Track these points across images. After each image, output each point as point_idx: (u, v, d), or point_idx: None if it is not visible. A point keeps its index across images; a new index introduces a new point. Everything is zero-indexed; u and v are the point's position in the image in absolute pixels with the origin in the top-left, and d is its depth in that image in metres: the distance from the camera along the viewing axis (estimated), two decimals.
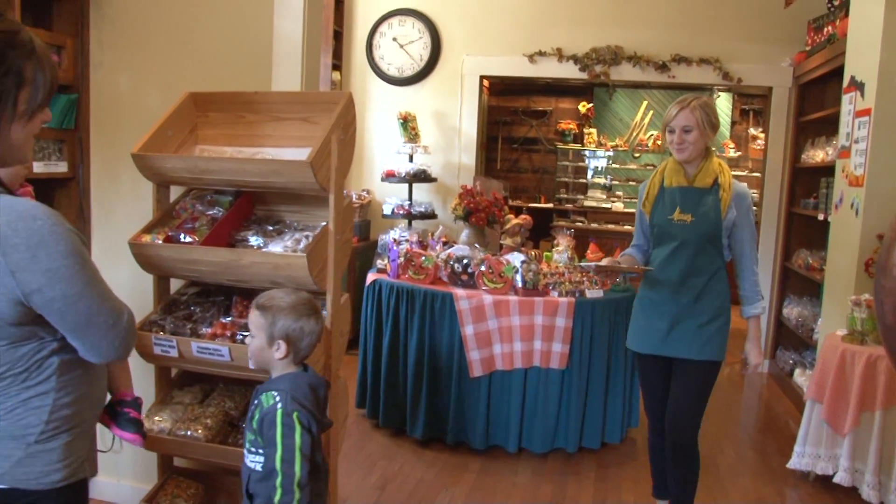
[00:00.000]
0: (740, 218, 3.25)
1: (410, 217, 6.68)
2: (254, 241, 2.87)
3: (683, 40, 6.89)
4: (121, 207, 3.49)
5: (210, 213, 2.99)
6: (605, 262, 3.39)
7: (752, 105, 10.79)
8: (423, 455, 4.56)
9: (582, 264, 4.25)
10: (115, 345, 1.66)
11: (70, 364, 1.65)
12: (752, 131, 10.79)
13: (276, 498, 2.15)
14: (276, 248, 2.78)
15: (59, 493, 1.64)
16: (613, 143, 10.88)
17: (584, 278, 4.67)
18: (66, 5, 3.41)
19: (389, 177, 6.72)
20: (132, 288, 3.26)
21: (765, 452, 4.89)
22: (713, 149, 3.38)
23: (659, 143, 10.61)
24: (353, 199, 6.41)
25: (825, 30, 5.82)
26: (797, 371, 5.86)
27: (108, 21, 3.46)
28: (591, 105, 11.10)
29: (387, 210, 6.76)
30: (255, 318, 2.32)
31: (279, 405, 2.21)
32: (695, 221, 3.23)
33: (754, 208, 3.78)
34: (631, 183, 10.99)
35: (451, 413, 4.54)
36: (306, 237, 2.80)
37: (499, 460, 4.51)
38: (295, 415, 2.20)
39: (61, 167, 3.39)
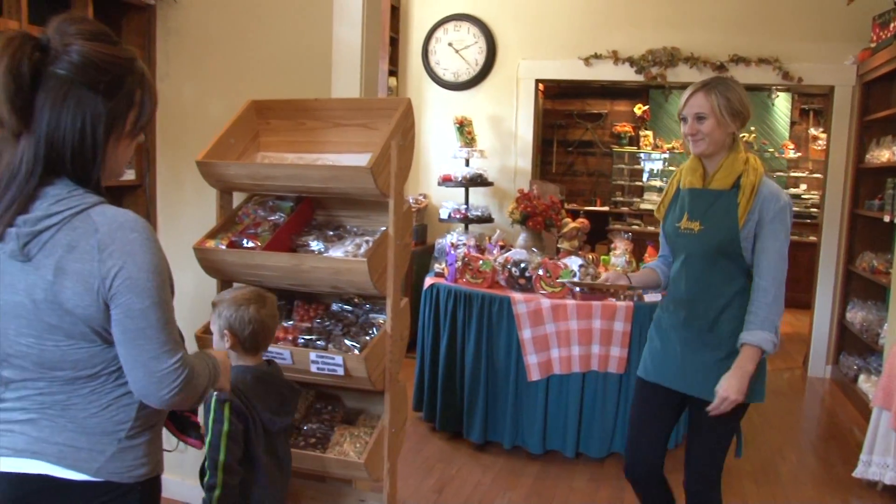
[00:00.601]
0: (764, 226, 2.60)
1: (467, 221, 6.70)
2: (315, 245, 2.91)
3: (741, 40, 6.79)
4: (185, 213, 3.58)
5: (272, 218, 3.04)
6: (602, 278, 3.03)
7: (812, 105, 10.59)
8: (479, 459, 4.57)
9: (565, 280, 4.09)
10: (159, 382, 1.60)
11: None
12: (812, 131, 10.58)
13: (205, 479, 2.36)
14: (336, 252, 2.81)
15: (142, 487, 1.71)
16: (670, 146, 10.76)
17: None
18: (135, 19, 3.52)
19: (446, 181, 6.75)
20: (196, 292, 3.33)
21: (828, 461, 4.79)
22: (744, 141, 2.83)
23: None
24: (411, 204, 6.45)
25: (891, 26, 5.68)
26: (862, 377, 5.73)
27: (173, 33, 3.55)
28: (646, 107, 11.00)
29: (443, 214, 6.79)
30: (211, 316, 2.52)
31: (214, 393, 2.32)
32: (703, 231, 2.67)
33: (813, 210, 3.56)
34: None
35: (508, 417, 4.55)
36: (366, 242, 2.83)
37: (556, 465, 4.49)
38: (227, 404, 2.35)
39: (129, 175, 3.49)
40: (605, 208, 11.04)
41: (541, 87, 7.80)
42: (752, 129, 10.46)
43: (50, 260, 1.54)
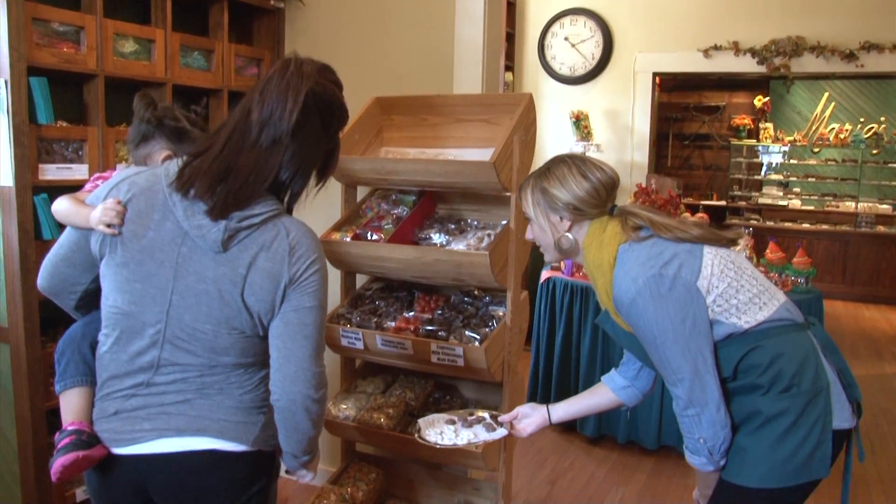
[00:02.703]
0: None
1: None
2: (437, 239, 2.97)
3: (874, 25, 6.49)
4: (311, 207, 3.70)
5: (395, 211, 3.12)
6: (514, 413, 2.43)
7: None
8: (593, 452, 4.57)
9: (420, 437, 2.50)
10: (308, 381, 1.75)
11: None
12: None
13: None
14: (459, 245, 2.87)
15: (273, 457, 1.89)
16: (791, 138, 10.39)
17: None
18: (265, 22, 3.69)
19: None
20: None
21: None
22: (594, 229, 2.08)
23: (842, 136, 10.03)
24: None
25: None
26: None
27: (301, 34, 3.69)
28: (767, 99, 10.65)
29: None
30: None
31: None
32: None
33: None
34: (810, 179, 10.49)
35: (622, 412, 4.52)
36: (488, 235, 2.87)
37: (671, 462, 4.44)
38: None
39: None
40: (722, 203, 10.76)
41: (657, 79, 7.68)
42: (883, 119, 10.00)
43: (246, 255, 1.70)
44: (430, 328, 2.92)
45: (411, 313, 3.07)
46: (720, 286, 1.93)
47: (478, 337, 2.82)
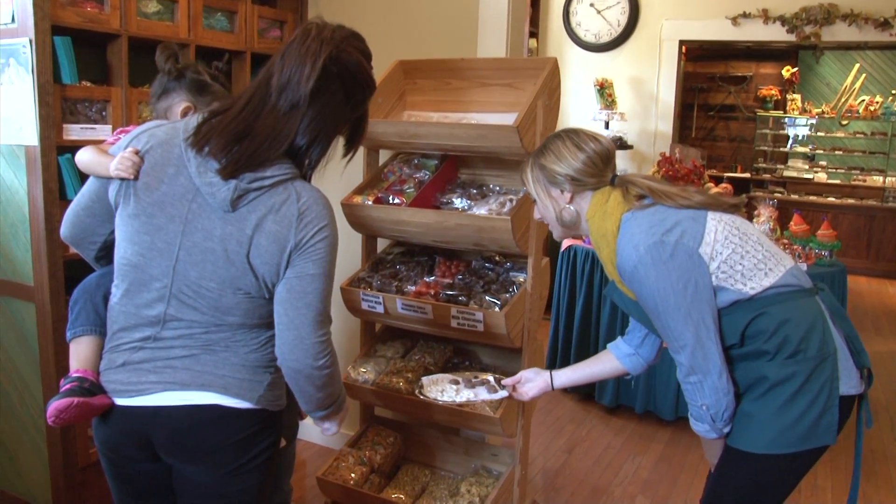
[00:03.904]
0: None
1: None
2: (458, 203, 2.96)
3: None
4: (333, 170, 3.68)
5: (417, 175, 3.11)
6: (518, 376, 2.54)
7: None
8: (610, 422, 4.57)
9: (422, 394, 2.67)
10: (307, 349, 1.74)
11: None
12: None
13: None
14: (480, 210, 2.85)
15: (279, 417, 1.90)
16: (819, 110, 10.23)
17: (787, 251, 4.48)
18: None
19: None
20: (343, 247, 3.42)
21: None
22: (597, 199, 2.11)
23: (871, 108, 9.85)
24: None
25: None
26: None
27: None
28: (795, 69, 10.48)
29: None
30: None
31: None
32: None
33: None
34: (837, 152, 10.33)
35: (640, 382, 4.51)
36: (510, 201, 2.85)
37: (688, 432, 4.37)
38: None
39: None
40: (746, 175, 10.66)
41: (684, 48, 7.58)
42: None
43: (253, 216, 1.69)
44: (451, 293, 2.91)
45: (432, 278, 3.07)
46: (724, 252, 1.91)
47: (498, 302, 2.81)
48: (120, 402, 1.78)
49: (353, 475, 3.08)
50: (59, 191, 2.77)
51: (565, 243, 4.94)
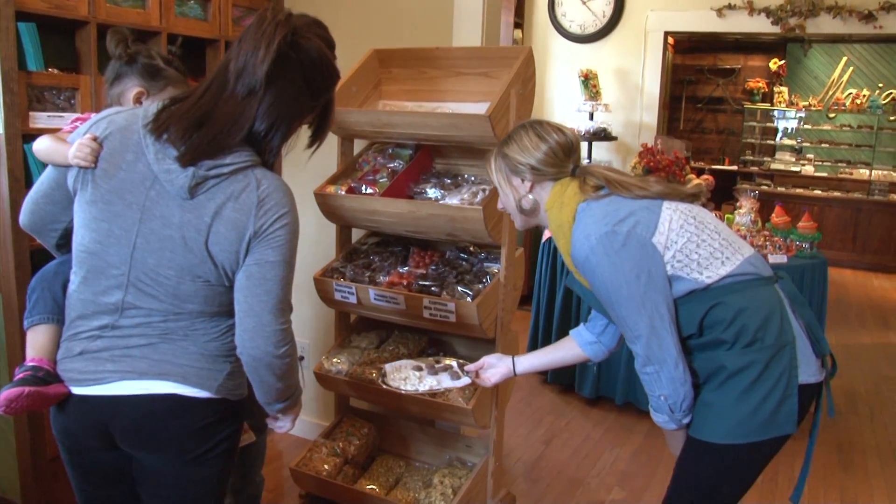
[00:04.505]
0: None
1: None
2: (432, 193, 2.94)
3: None
4: (305, 159, 3.65)
5: (391, 165, 3.09)
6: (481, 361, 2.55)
7: None
8: (590, 413, 4.56)
9: (383, 382, 2.69)
10: (267, 337, 1.72)
11: None
12: None
13: None
14: (453, 200, 2.83)
15: (242, 405, 1.89)
16: (806, 103, 10.23)
17: (767, 242, 4.47)
18: None
19: None
20: (317, 237, 3.44)
21: None
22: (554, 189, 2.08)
23: (858, 102, 9.86)
24: None
25: None
26: None
27: None
28: (783, 62, 10.48)
29: None
30: None
31: None
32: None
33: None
34: (824, 145, 10.34)
35: (621, 373, 4.50)
36: (483, 191, 2.83)
37: None
38: None
39: None
40: (734, 167, 10.65)
41: (670, 41, 7.57)
42: None
43: (212, 204, 1.67)
44: (424, 283, 2.89)
45: (406, 268, 3.05)
46: (679, 241, 1.91)
47: (470, 293, 2.79)
48: (77, 391, 1.75)
49: (326, 466, 3.06)
50: (24, 179, 2.73)
51: (546, 234, 4.92)
